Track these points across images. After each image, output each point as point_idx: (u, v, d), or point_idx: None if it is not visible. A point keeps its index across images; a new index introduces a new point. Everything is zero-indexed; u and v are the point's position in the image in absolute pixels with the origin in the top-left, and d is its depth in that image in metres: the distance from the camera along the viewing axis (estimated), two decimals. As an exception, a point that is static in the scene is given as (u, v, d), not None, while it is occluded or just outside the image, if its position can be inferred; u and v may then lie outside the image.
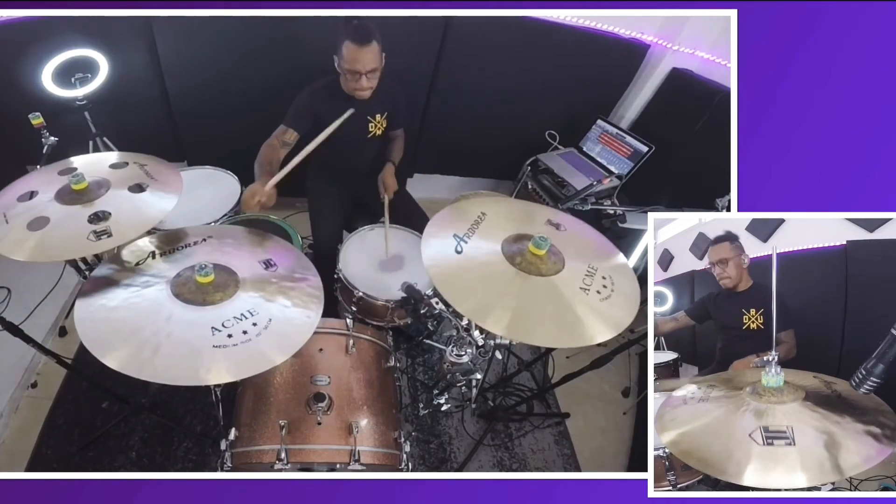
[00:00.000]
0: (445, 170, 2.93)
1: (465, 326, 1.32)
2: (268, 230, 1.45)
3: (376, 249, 1.77)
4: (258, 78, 2.12)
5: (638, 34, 2.39)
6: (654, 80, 2.52)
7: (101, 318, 1.05)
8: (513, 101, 2.53)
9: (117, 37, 1.96)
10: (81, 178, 1.27)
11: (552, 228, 1.42)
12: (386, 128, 1.89)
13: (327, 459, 1.17)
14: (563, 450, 1.98)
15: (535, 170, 2.59)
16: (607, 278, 1.28)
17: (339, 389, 1.27)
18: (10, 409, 1.76)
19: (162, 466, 1.66)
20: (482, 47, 2.26)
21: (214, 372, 0.98)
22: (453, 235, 1.29)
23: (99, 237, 1.17)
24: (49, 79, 1.80)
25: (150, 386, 1.80)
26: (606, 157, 2.54)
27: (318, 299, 1.19)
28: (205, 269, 1.12)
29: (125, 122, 2.11)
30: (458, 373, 1.42)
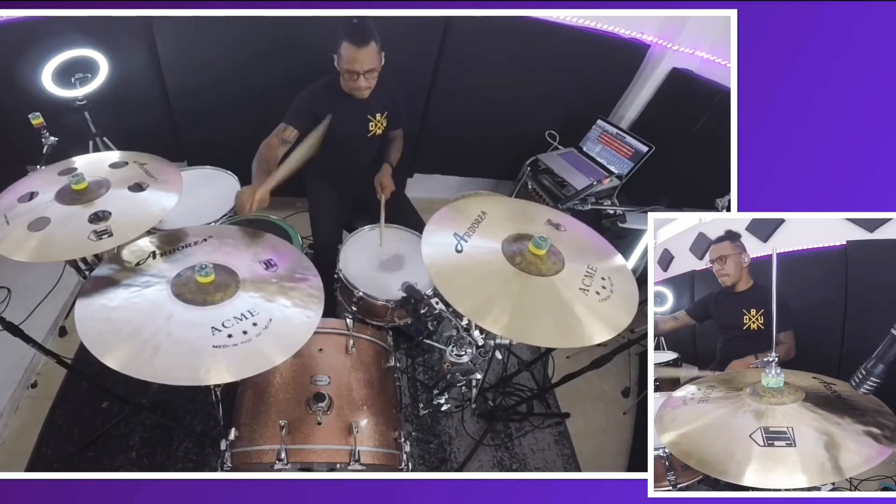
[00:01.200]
0: (445, 170, 2.93)
1: (465, 326, 1.32)
2: (268, 230, 1.45)
3: (376, 249, 1.77)
4: (258, 78, 2.12)
5: (638, 34, 2.39)
6: (654, 80, 2.52)
7: (102, 318, 1.05)
8: (513, 101, 2.53)
9: (117, 37, 1.96)
10: (81, 178, 1.27)
11: (552, 228, 1.42)
12: (386, 127, 1.89)
13: (327, 459, 1.18)
14: (563, 450, 1.98)
15: (535, 170, 2.59)
16: (606, 279, 1.28)
17: (339, 389, 1.27)
18: (10, 409, 1.76)
19: (162, 466, 1.66)
20: (482, 47, 2.26)
21: (214, 372, 0.98)
22: (454, 234, 1.29)
23: (100, 237, 1.17)
24: (49, 79, 1.80)
25: (150, 386, 1.80)
26: (606, 157, 2.54)
27: (318, 299, 1.19)
28: (205, 269, 1.12)
29: (125, 122, 2.11)
30: (458, 373, 1.42)
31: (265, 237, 1.38)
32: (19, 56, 1.81)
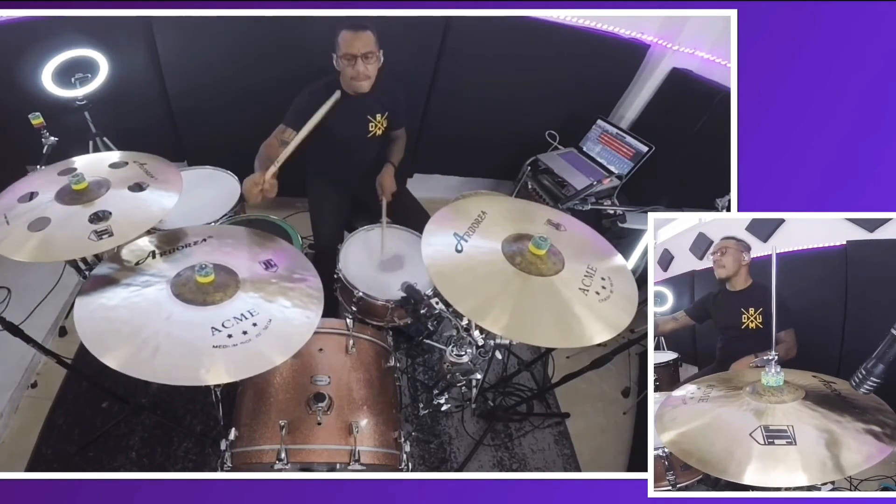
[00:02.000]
0: (445, 170, 2.93)
1: (465, 326, 1.32)
2: (268, 230, 1.45)
3: (376, 249, 1.77)
4: (258, 78, 2.12)
5: (638, 34, 2.39)
6: (654, 80, 2.52)
7: (101, 317, 1.05)
8: (513, 101, 2.53)
9: (117, 37, 1.96)
10: (81, 178, 1.27)
11: (552, 228, 1.42)
12: (386, 128, 1.89)
13: (327, 459, 1.17)
14: (563, 450, 1.98)
15: (535, 170, 2.59)
16: (606, 279, 1.28)
17: (339, 389, 1.27)
18: (10, 409, 1.76)
19: (162, 466, 1.66)
20: (482, 47, 2.26)
21: (214, 372, 0.98)
22: (454, 234, 1.29)
23: (100, 237, 1.17)
24: (49, 79, 1.80)
25: (150, 386, 1.80)
26: (606, 157, 2.54)
27: (318, 299, 1.19)
28: (205, 269, 1.12)
29: (125, 122, 2.11)
30: (458, 373, 1.42)
31: (266, 238, 1.38)
32: (19, 56, 1.81)
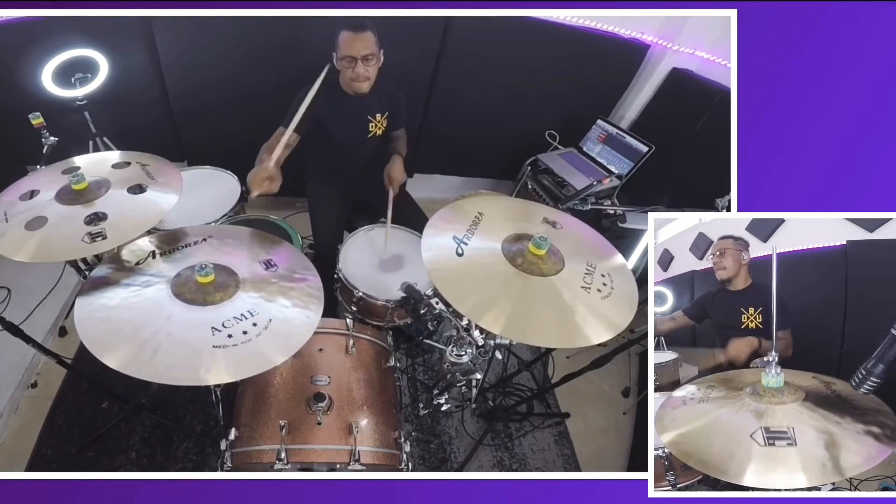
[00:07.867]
0: (445, 170, 2.93)
1: (465, 326, 1.32)
2: (268, 230, 1.45)
3: (376, 249, 1.77)
4: (258, 78, 2.12)
5: (638, 34, 2.39)
6: (654, 80, 2.52)
7: (101, 317, 1.05)
8: (513, 101, 2.53)
9: (117, 37, 1.95)
10: (81, 177, 1.27)
11: (548, 226, 1.42)
12: (386, 128, 1.89)
13: (327, 459, 1.18)
14: (563, 450, 1.98)
15: (535, 170, 2.59)
16: (606, 276, 1.28)
17: (339, 389, 1.27)
18: (10, 409, 1.76)
19: (162, 466, 1.66)
20: (482, 47, 2.25)
21: (214, 372, 0.98)
22: (453, 237, 1.28)
23: (93, 239, 1.15)
24: (49, 79, 1.80)
25: (150, 386, 1.80)
26: (606, 157, 2.54)
27: (318, 299, 1.19)
28: (205, 269, 1.12)
29: (125, 122, 2.11)
30: (458, 373, 1.42)
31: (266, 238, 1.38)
32: (19, 56, 1.81)
